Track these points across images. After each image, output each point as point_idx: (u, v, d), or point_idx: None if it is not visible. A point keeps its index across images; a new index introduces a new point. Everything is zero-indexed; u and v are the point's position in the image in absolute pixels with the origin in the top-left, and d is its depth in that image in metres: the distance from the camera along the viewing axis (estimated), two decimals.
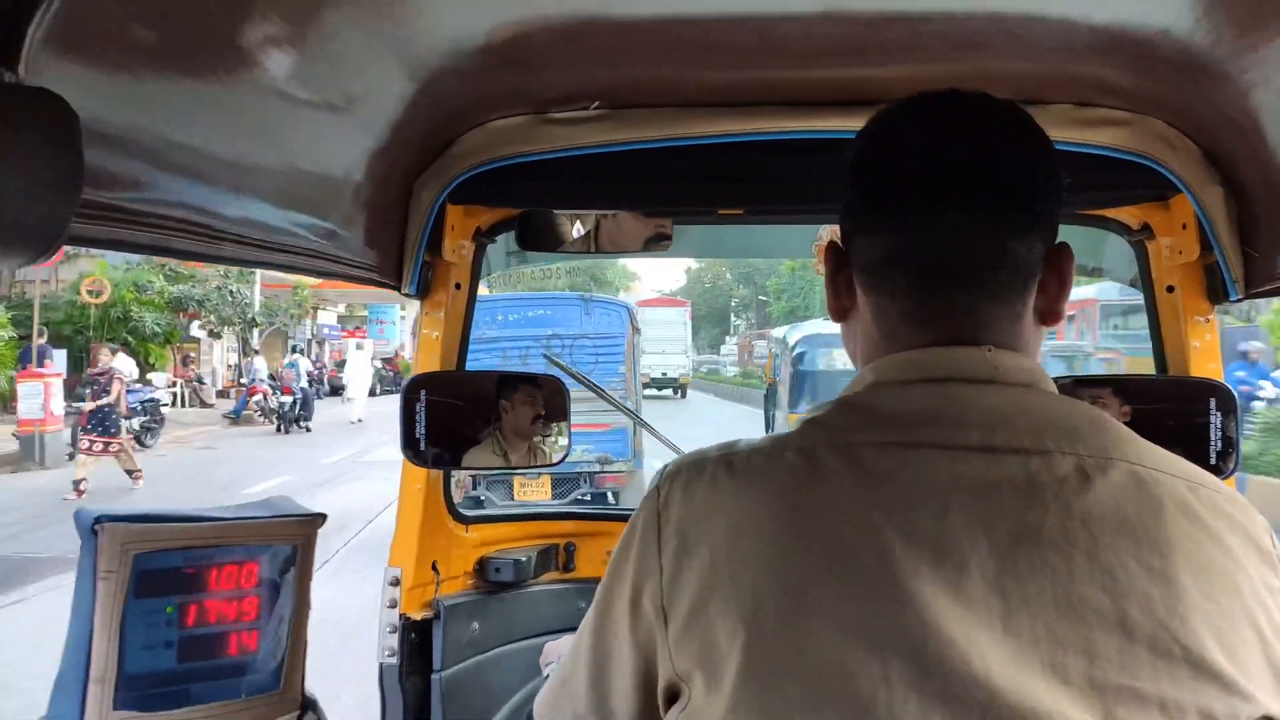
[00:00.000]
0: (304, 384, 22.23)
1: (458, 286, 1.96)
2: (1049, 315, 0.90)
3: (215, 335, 28.32)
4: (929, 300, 0.86)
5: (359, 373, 25.50)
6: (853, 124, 0.95)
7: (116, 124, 1.01)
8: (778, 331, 21.54)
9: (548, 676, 1.05)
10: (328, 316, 43.09)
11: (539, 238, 1.91)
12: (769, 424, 18.33)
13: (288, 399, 21.75)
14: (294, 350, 24.07)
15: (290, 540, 1.19)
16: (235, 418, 22.90)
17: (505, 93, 1.63)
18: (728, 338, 61.98)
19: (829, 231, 2.06)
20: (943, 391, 0.83)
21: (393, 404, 1.85)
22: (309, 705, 1.23)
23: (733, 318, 67.09)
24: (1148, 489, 0.78)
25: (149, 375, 23.13)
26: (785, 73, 1.52)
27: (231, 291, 26.74)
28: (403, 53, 1.33)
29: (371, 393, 28.97)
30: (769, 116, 1.64)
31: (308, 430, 21.98)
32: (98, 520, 1.06)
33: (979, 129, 0.87)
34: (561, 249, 1.93)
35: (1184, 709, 0.73)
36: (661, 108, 1.67)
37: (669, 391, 33.84)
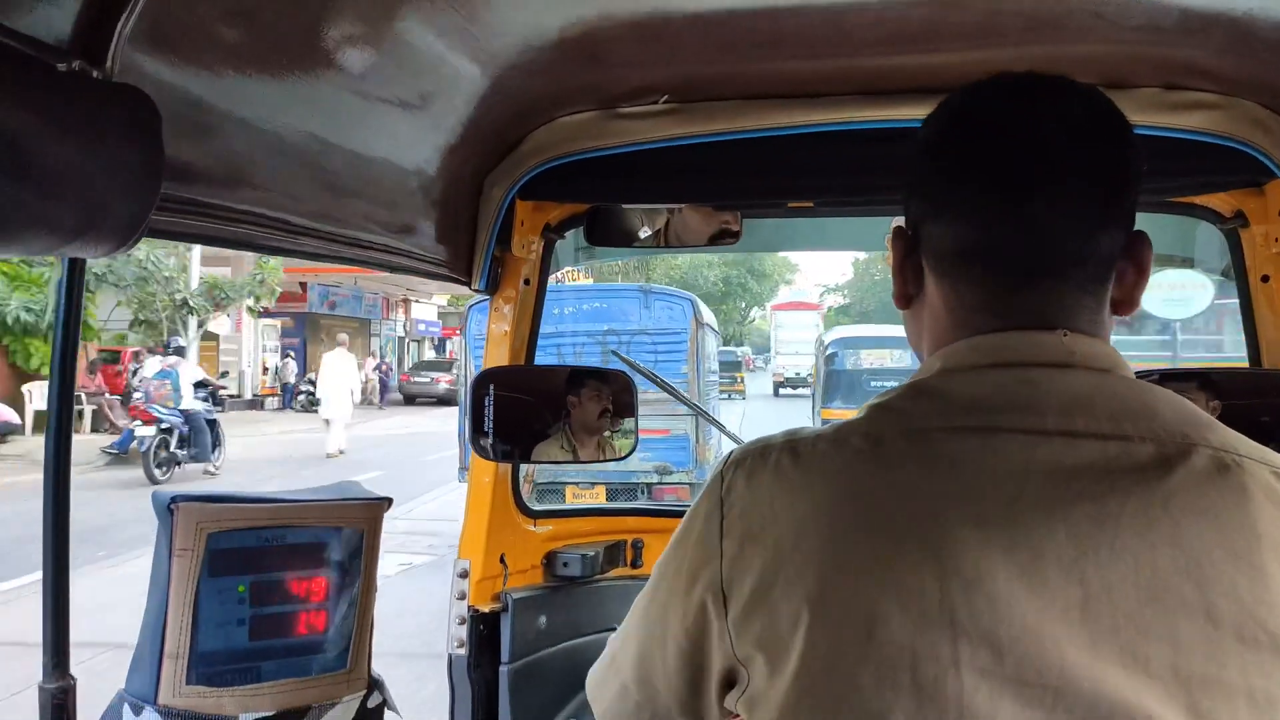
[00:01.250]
0: (192, 403, 14.07)
1: (526, 282, 1.97)
2: (1124, 304, 0.87)
3: (140, 325, 20.88)
4: (1007, 290, 0.84)
5: (338, 383, 17.59)
6: (924, 112, 0.93)
7: (198, 120, 1.04)
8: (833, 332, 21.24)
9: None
10: (425, 311, 39.57)
11: (607, 233, 1.92)
12: None
13: (148, 431, 13.59)
14: (170, 350, 14.93)
15: (358, 524, 1.22)
16: (119, 453, 14.57)
17: (575, 88, 1.64)
18: None
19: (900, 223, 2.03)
20: (1018, 376, 0.80)
21: (391, 421, 1.79)
22: (375, 685, 1.25)
23: None
24: (1232, 475, 0.76)
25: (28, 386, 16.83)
26: (856, 61, 1.50)
27: (149, 263, 19.47)
28: (475, 50, 1.35)
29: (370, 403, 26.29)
30: (839, 106, 1.62)
31: (209, 474, 14.26)
32: (174, 500, 1.09)
33: (1064, 114, 0.84)
34: (630, 244, 1.93)
35: (1273, 699, 0.71)
36: (730, 100, 1.66)
37: (803, 390, 36.05)
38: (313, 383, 23.27)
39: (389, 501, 1.25)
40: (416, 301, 39.28)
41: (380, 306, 36.79)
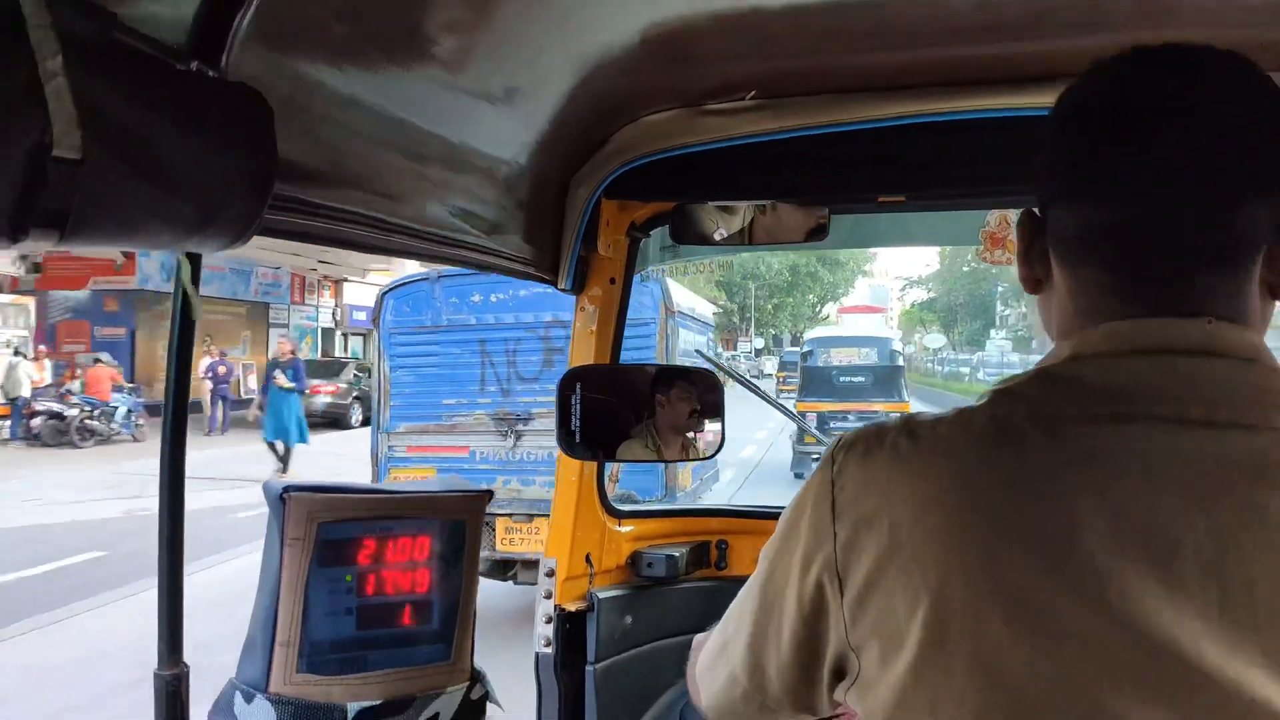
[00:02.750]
0: None
1: (612, 281, 1.97)
2: (1278, 288, 0.82)
3: None
4: (1139, 274, 0.80)
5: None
6: (1025, 101, 0.89)
7: (305, 117, 1.06)
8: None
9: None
10: (362, 294, 27.83)
11: (692, 231, 1.91)
12: None
13: None
14: None
15: (459, 515, 1.22)
16: None
17: (661, 86, 1.63)
18: (993, 331, 51.51)
19: (997, 217, 1.98)
20: (1157, 364, 0.76)
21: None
22: (477, 677, 1.26)
23: (1000, 307, 57.50)
24: None
25: None
26: (952, 51, 1.47)
27: None
28: (564, 47, 1.36)
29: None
30: (933, 97, 1.59)
31: None
32: (286, 490, 1.11)
33: (1204, 85, 0.79)
34: (715, 242, 1.92)
35: None
36: (819, 94, 1.64)
37: None
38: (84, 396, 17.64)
39: (490, 494, 1.26)
40: (350, 280, 29.98)
41: (288, 287, 27.70)
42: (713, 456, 1.97)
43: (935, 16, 1.35)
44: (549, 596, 1.95)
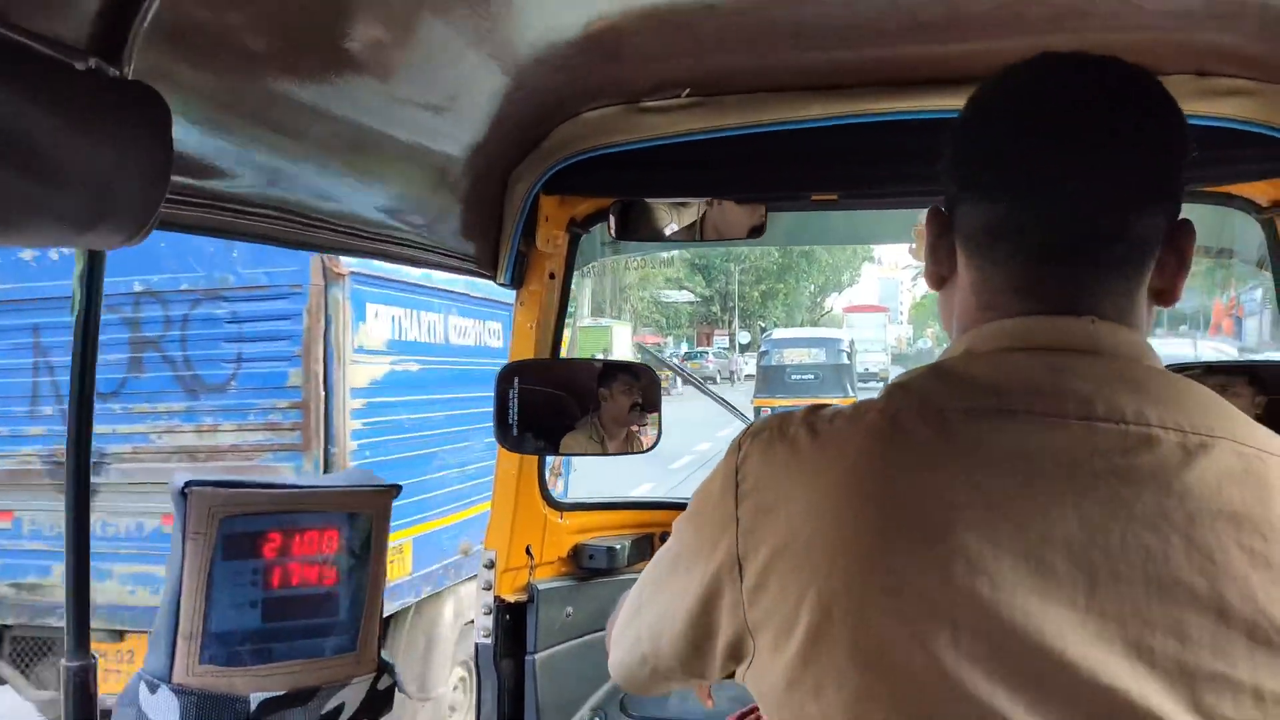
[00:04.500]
0: None
1: (551, 276, 1.99)
2: (1165, 294, 0.86)
3: None
4: (1036, 272, 0.83)
5: None
6: (949, 103, 0.92)
7: (217, 115, 1.07)
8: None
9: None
10: None
11: (632, 227, 1.93)
12: None
13: None
14: None
15: (367, 509, 1.24)
16: None
17: (598, 83, 1.65)
18: None
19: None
20: (1041, 361, 0.79)
21: None
22: (385, 667, 1.27)
23: None
24: (1254, 470, 0.74)
25: None
26: (878, 51, 1.49)
27: None
28: (499, 46, 1.37)
29: None
30: (861, 98, 1.61)
31: None
32: (187, 485, 1.12)
33: (1107, 93, 0.82)
34: (655, 238, 1.94)
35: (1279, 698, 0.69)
36: (754, 93, 1.66)
37: (872, 384, 40.24)
38: None
39: (398, 489, 1.27)
40: None
41: None
42: (652, 448, 1.99)
43: (857, 18, 1.37)
44: (489, 588, 1.97)
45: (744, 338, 50.15)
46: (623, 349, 29.39)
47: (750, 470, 0.84)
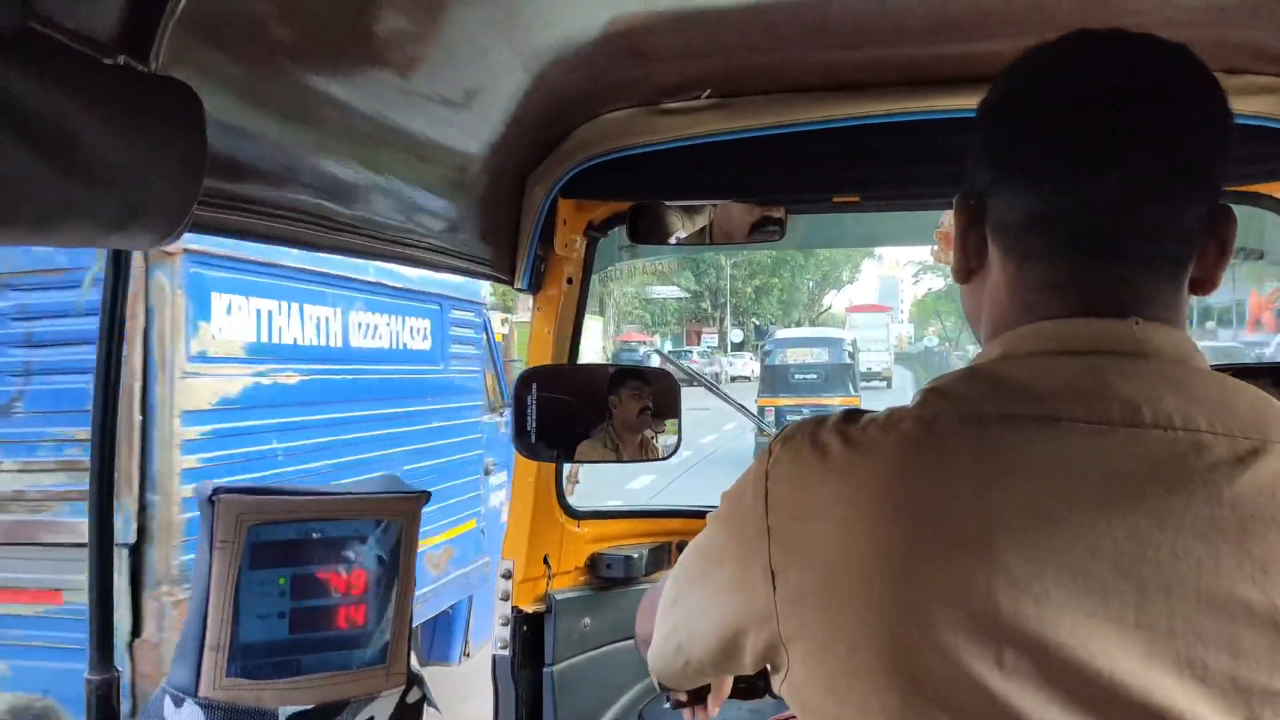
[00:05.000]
0: None
1: (570, 281, 1.97)
2: (1204, 284, 0.81)
3: None
4: (1079, 269, 0.78)
5: None
6: (974, 102, 0.89)
7: (243, 114, 1.05)
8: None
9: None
10: None
11: (650, 231, 1.90)
12: None
13: None
14: None
15: (396, 517, 1.21)
16: None
17: (617, 84, 1.63)
18: None
19: (949, 218, 1.98)
20: (1083, 365, 0.75)
21: None
22: (415, 680, 1.25)
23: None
24: None
25: None
26: (902, 50, 1.47)
27: None
28: (519, 47, 1.35)
29: None
30: (886, 98, 1.59)
31: None
32: (215, 492, 1.10)
33: (1150, 73, 0.77)
34: (673, 242, 1.92)
35: None
36: (775, 93, 1.64)
37: (876, 383, 40.16)
38: None
39: (427, 495, 1.24)
40: None
41: None
42: (670, 456, 1.96)
43: (882, 17, 1.35)
44: (506, 599, 1.94)
45: (735, 336, 47.78)
46: (591, 348, 26.53)
47: (781, 477, 0.81)
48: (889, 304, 60.49)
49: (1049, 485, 0.71)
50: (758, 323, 53.41)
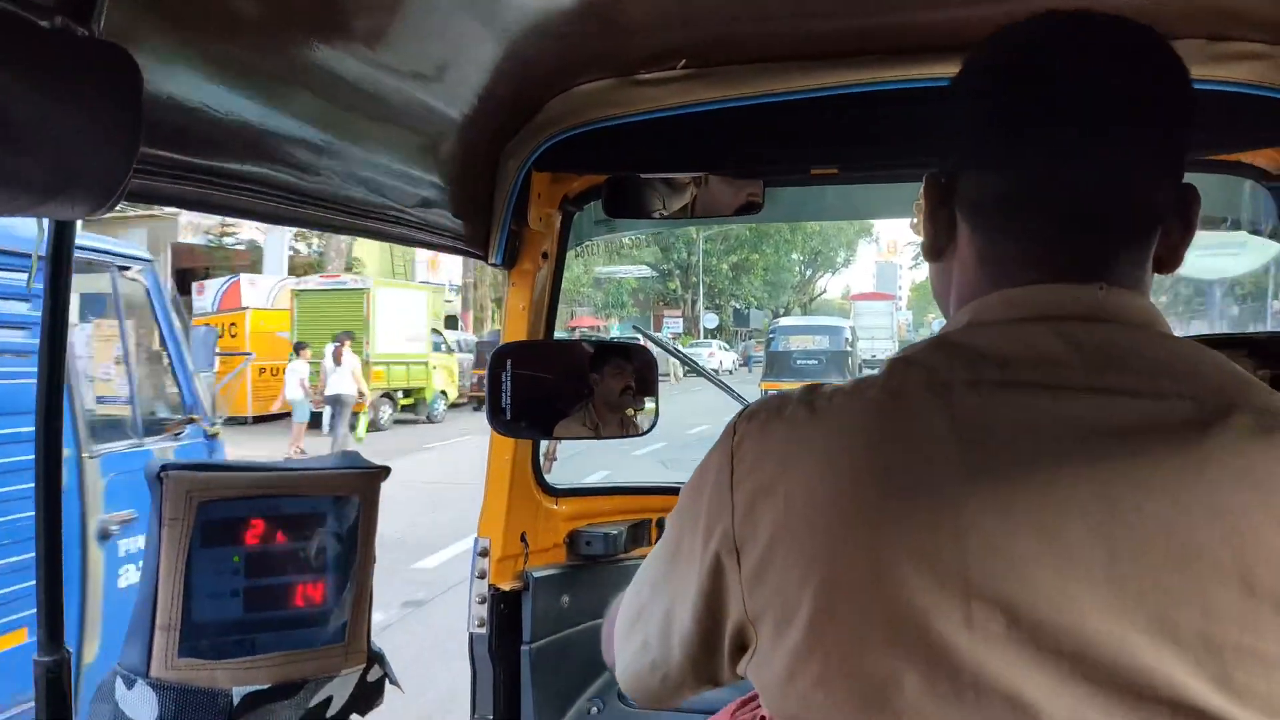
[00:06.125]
0: None
1: (545, 256, 1.94)
2: (1168, 261, 0.83)
3: None
4: (1046, 241, 0.80)
5: None
6: (954, 71, 0.87)
7: (198, 84, 1.02)
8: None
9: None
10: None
11: (625, 204, 1.87)
12: None
13: None
14: None
15: (355, 493, 1.19)
16: None
17: (591, 55, 1.60)
18: None
19: None
20: (1048, 330, 0.76)
21: None
22: (375, 658, 1.22)
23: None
24: (1274, 438, 0.70)
25: None
26: (879, 19, 1.45)
27: None
28: (488, 17, 1.32)
29: None
30: (862, 67, 1.56)
31: None
32: (164, 468, 1.07)
33: (1119, 53, 0.78)
34: (649, 215, 1.88)
35: None
36: (751, 64, 1.61)
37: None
38: None
39: (387, 470, 1.22)
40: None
41: None
42: (648, 431, 1.94)
43: None
44: (483, 576, 1.93)
45: (710, 320, 43.01)
46: (389, 317, 19.67)
47: (747, 453, 0.80)
48: (888, 290, 60.05)
49: (1017, 449, 0.71)
50: (738, 305, 48.90)
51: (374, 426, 18.19)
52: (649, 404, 1.91)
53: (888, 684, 0.70)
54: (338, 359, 15.31)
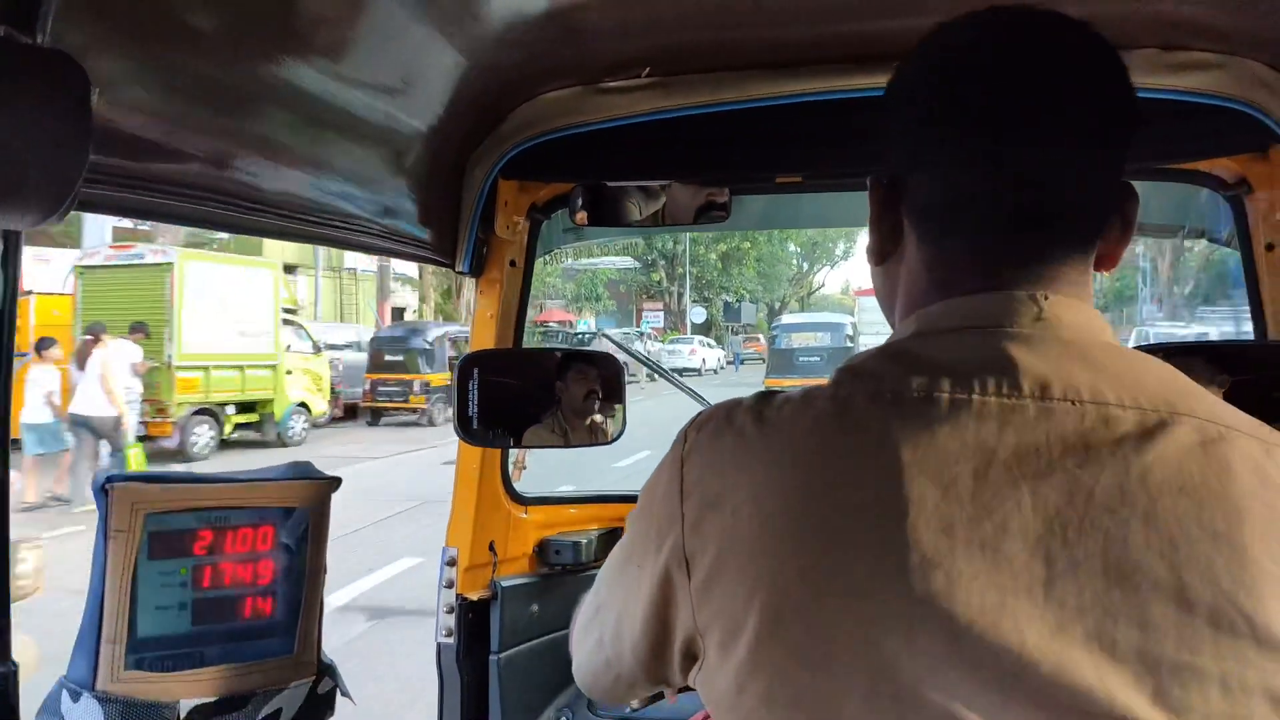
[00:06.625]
0: None
1: (513, 264, 1.94)
2: (1107, 260, 0.83)
3: None
4: (992, 247, 0.79)
5: None
6: None
7: (144, 89, 1.01)
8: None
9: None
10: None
11: (594, 212, 1.88)
12: None
13: None
14: None
15: (305, 503, 1.18)
16: None
17: (556, 63, 1.60)
18: (1138, 330, 28.24)
19: None
20: (993, 340, 0.75)
21: None
22: (326, 670, 1.22)
23: (1147, 287, 35.52)
24: (1216, 448, 0.70)
25: None
26: (842, 27, 1.45)
27: None
28: (452, 25, 1.32)
29: None
30: (827, 76, 1.57)
31: None
32: (109, 480, 1.06)
33: (1057, 52, 0.78)
34: (616, 223, 1.89)
35: (1248, 688, 0.65)
36: (715, 71, 1.61)
37: None
38: None
39: (338, 481, 1.21)
40: None
41: None
42: (614, 441, 1.93)
43: None
44: (450, 586, 1.92)
45: (698, 315, 39.28)
46: (207, 303, 14.94)
47: (695, 463, 0.80)
48: None
49: (961, 461, 0.71)
50: (729, 298, 44.71)
51: (185, 456, 13.97)
52: (618, 410, 1.91)
53: (830, 703, 0.70)
54: (82, 361, 10.67)
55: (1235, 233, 1.71)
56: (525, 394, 1.89)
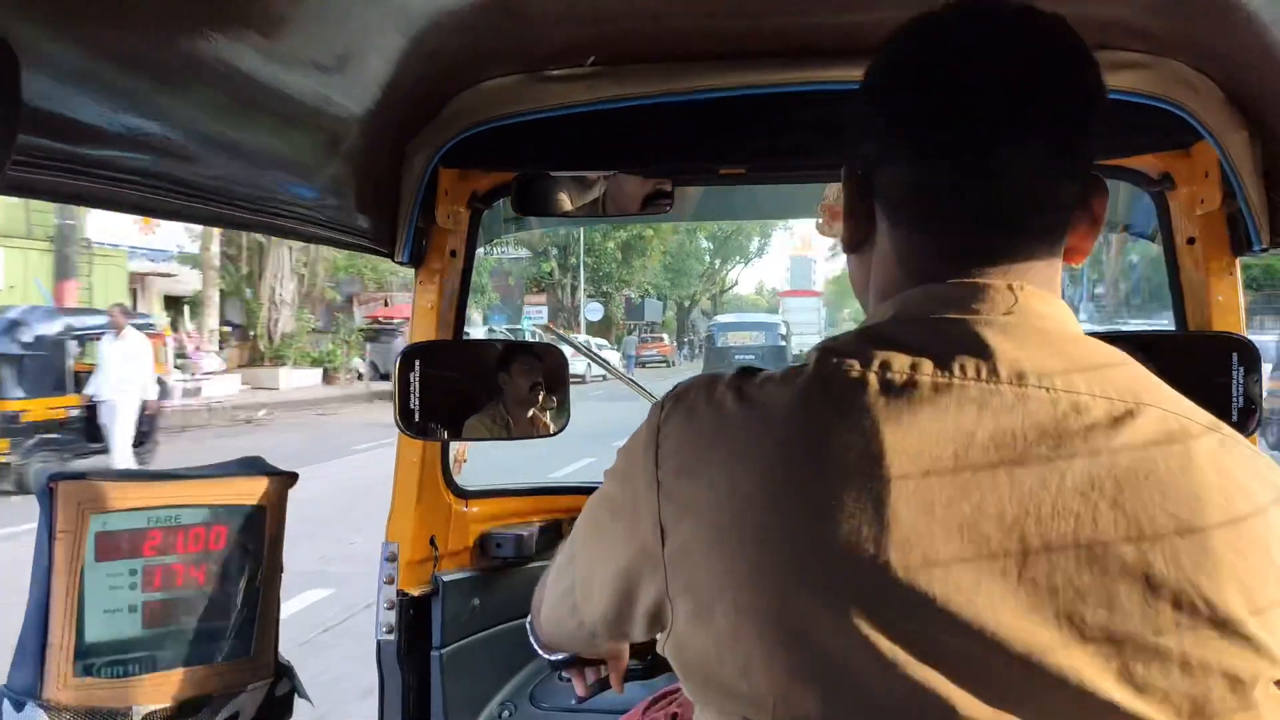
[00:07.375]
0: None
1: (453, 254, 1.91)
2: (1075, 253, 0.84)
3: None
4: (966, 237, 0.80)
5: None
6: (860, 74, 0.88)
7: (78, 71, 0.96)
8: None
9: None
10: None
11: (534, 202, 1.85)
12: None
13: None
14: None
15: (259, 500, 1.14)
16: None
17: (499, 50, 1.57)
18: None
19: (835, 191, 1.99)
20: (969, 327, 0.77)
21: None
22: (283, 672, 1.18)
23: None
24: (1178, 438, 0.73)
25: None
26: (788, 20, 1.46)
27: None
28: (391, 6, 1.28)
29: None
30: (771, 68, 1.57)
31: None
32: (52, 478, 1.01)
33: (1029, 44, 0.79)
34: (558, 213, 1.87)
35: (1207, 667, 0.68)
36: (659, 62, 1.61)
37: None
38: None
39: (294, 477, 1.18)
40: None
41: None
42: (558, 432, 1.92)
43: None
44: (391, 582, 1.88)
45: (593, 311, 35.20)
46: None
47: (672, 431, 0.80)
48: (805, 286, 61.23)
49: (938, 444, 0.72)
50: (631, 294, 40.90)
51: None
52: (560, 404, 1.90)
53: (807, 678, 0.71)
54: None
55: (1159, 227, 1.78)
56: (466, 386, 1.86)
